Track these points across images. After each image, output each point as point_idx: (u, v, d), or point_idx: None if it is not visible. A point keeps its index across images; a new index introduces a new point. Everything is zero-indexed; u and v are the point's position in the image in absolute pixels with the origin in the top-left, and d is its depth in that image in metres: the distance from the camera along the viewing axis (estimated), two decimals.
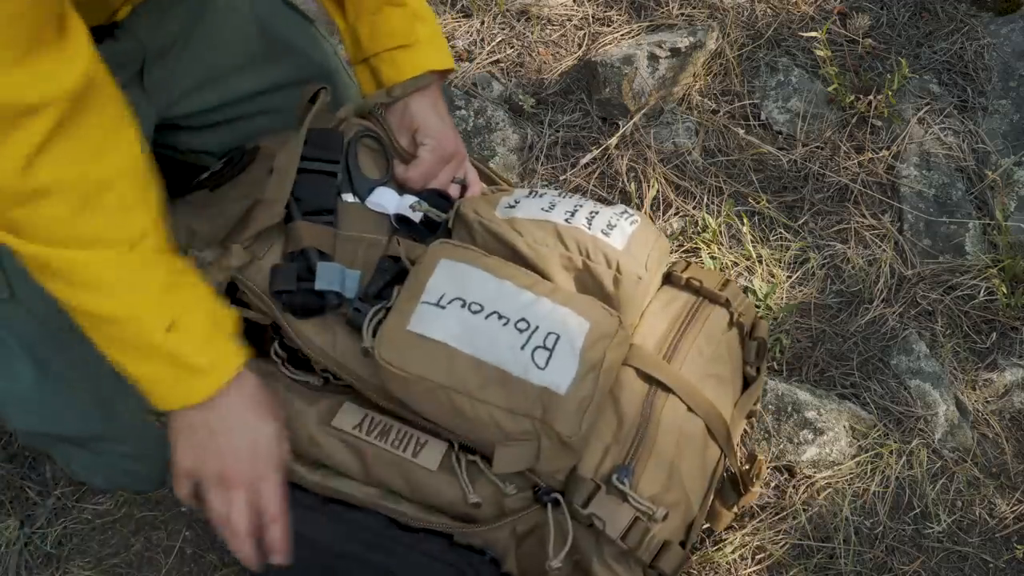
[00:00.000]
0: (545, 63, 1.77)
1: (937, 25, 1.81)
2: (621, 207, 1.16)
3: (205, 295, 1.00)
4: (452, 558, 1.03)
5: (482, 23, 1.81)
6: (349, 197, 1.15)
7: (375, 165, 1.19)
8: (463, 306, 1.02)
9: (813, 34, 1.76)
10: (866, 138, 1.68)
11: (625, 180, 1.63)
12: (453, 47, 1.78)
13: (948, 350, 1.51)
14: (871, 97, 1.69)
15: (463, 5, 1.83)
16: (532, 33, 1.80)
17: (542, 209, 1.14)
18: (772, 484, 1.39)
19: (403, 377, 1.00)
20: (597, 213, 1.14)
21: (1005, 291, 1.53)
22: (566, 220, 1.12)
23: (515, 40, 1.80)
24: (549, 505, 1.02)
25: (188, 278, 0.99)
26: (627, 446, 1.05)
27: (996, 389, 1.50)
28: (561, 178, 1.65)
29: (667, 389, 1.09)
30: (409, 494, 1.06)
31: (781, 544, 1.34)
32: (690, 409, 1.10)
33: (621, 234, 1.12)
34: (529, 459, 0.99)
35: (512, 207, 1.15)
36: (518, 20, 1.82)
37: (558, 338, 1.01)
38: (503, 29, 1.80)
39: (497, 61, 1.78)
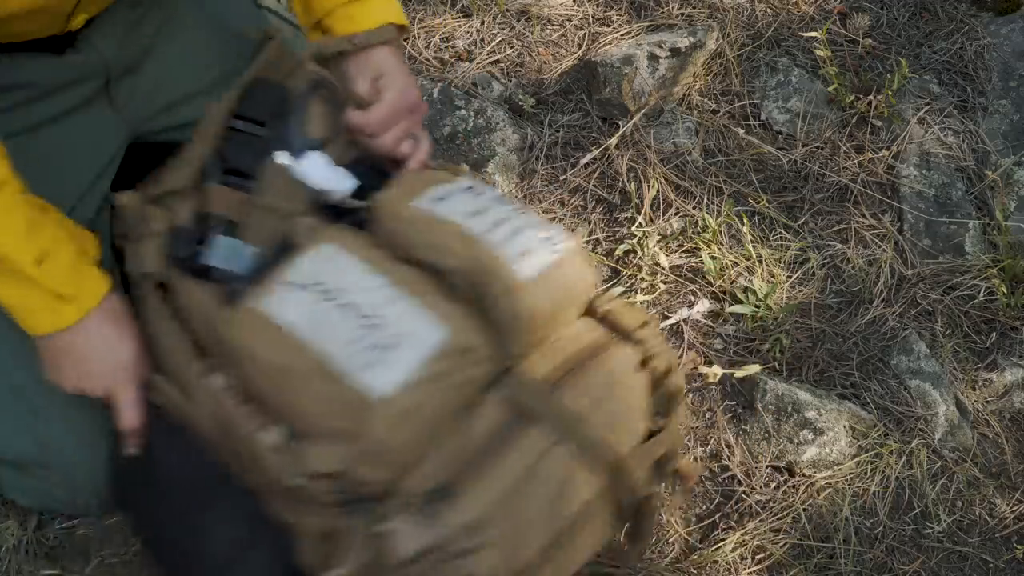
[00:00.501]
0: (545, 63, 1.77)
1: (937, 25, 1.81)
2: (553, 230, 1.07)
3: (69, 228, 1.07)
4: (258, 521, 1.03)
5: (482, 23, 1.81)
6: (284, 156, 1.11)
7: (324, 120, 1.15)
8: (318, 291, 0.98)
9: (813, 34, 1.76)
10: (866, 138, 1.68)
11: (625, 180, 1.63)
12: (453, 47, 1.78)
13: (948, 350, 1.51)
14: (871, 97, 1.69)
15: (463, 5, 1.83)
16: (532, 33, 1.80)
17: (466, 212, 1.05)
18: (772, 484, 1.39)
19: (243, 352, 0.98)
20: (520, 232, 1.04)
21: (1005, 291, 1.53)
22: (482, 232, 1.02)
23: (515, 40, 1.80)
24: (350, 513, 0.95)
25: (52, 215, 1.05)
26: (461, 469, 0.96)
27: (996, 389, 1.50)
28: (561, 178, 1.65)
29: (535, 420, 0.99)
30: (250, 465, 1.03)
31: (781, 544, 1.34)
32: (558, 443, 1.00)
33: (535, 263, 1.02)
34: (344, 461, 0.93)
35: (439, 200, 1.06)
36: (518, 20, 1.82)
37: (400, 342, 0.94)
38: (503, 29, 1.80)
39: (497, 61, 1.78)
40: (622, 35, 1.78)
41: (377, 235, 1.06)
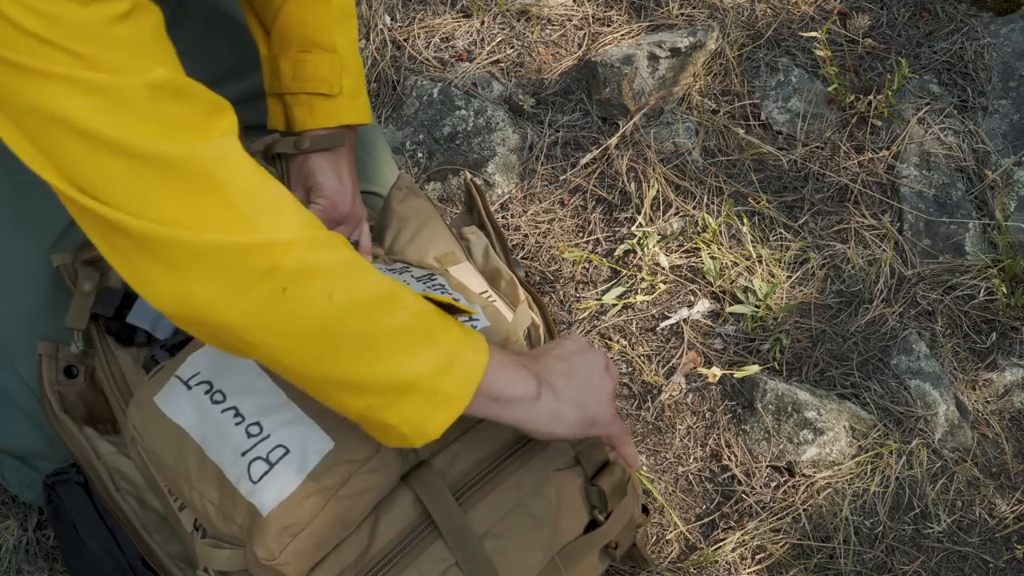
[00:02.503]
0: (545, 63, 1.77)
1: (937, 25, 1.81)
2: (473, 307, 1.04)
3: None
4: None
5: (482, 23, 1.81)
6: None
7: None
8: (207, 392, 0.97)
9: (813, 34, 1.76)
10: (866, 138, 1.68)
11: (625, 180, 1.63)
12: (453, 47, 1.78)
13: (948, 350, 1.51)
14: (871, 97, 1.69)
15: (463, 5, 1.83)
16: (532, 33, 1.80)
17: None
18: (772, 484, 1.39)
19: (142, 446, 0.99)
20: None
21: (1005, 291, 1.53)
22: None
23: (515, 40, 1.80)
24: None
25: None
26: (365, 573, 0.97)
27: (996, 389, 1.50)
28: (561, 178, 1.65)
29: (440, 531, 0.99)
30: (180, 541, 1.06)
31: (781, 544, 1.34)
32: (455, 566, 0.99)
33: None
34: (238, 564, 0.95)
35: None
36: (518, 20, 1.82)
37: (286, 453, 0.93)
38: (503, 29, 1.80)
39: (497, 61, 1.78)
40: (622, 35, 1.78)
41: None
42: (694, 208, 1.61)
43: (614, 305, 1.54)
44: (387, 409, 0.84)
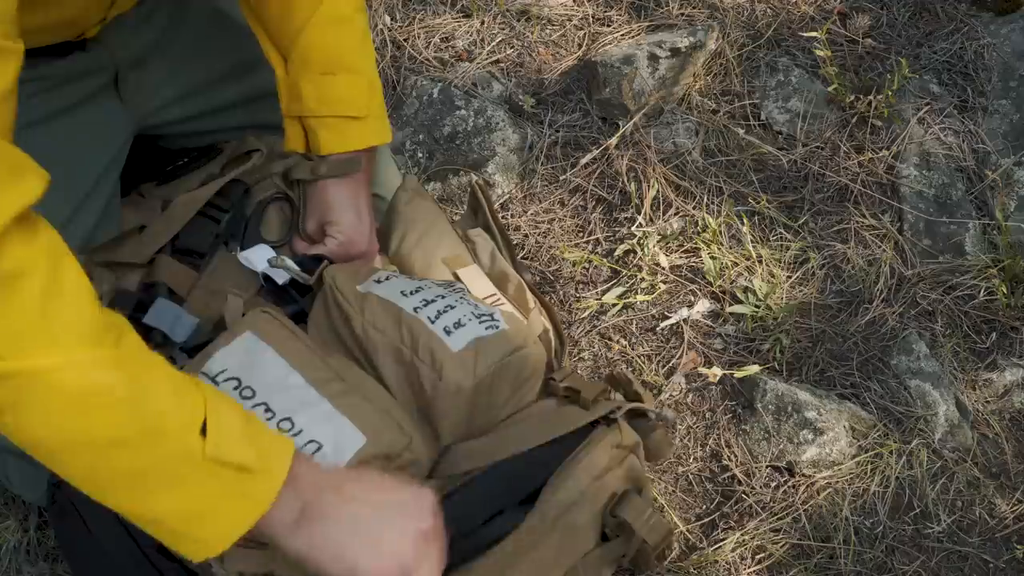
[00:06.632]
0: (545, 63, 1.77)
1: (937, 25, 1.81)
2: (493, 310, 1.06)
3: (216, 391, 0.84)
4: None
5: (482, 23, 1.81)
6: (233, 246, 1.15)
7: (279, 229, 1.17)
8: (236, 388, 0.96)
9: (813, 34, 1.77)
10: (866, 138, 1.69)
11: (625, 180, 1.63)
12: (453, 47, 1.78)
13: (948, 350, 1.51)
14: (871, 97, 1.69)
15: (463, 5, 1.83)
16: (532, 33, 1.80)
17: (401, 292, 1.05)
18: (772, 484, 1.40)
19: None
20: (452, 308, 1.03)
21: (1005, 291, 1.53)
22: (414, 309, 1.02)
23: (515, 40, 1.80)
24: None
25: (188, 377, 0.83)
26: None
27: (996, 389, 1.50)
28: (561, 178, 1.65)
29: None
30: None
31: (781, 544, 1.34)
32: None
33: (463, 337, 1.00)
34: (264, 564, 0.93)
35: (379, 282, 1.07)
36: (518, 20, 1.82)
37: (319, 448, 0.92)
38: (503, 29, 1.81)
39: (497, 61, 1.78)
40: (622, 35, 1.78)
41: (317, 314, 1.07)
42: (694, 208, 1.61)
43: (614, 305, 1.54)
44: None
